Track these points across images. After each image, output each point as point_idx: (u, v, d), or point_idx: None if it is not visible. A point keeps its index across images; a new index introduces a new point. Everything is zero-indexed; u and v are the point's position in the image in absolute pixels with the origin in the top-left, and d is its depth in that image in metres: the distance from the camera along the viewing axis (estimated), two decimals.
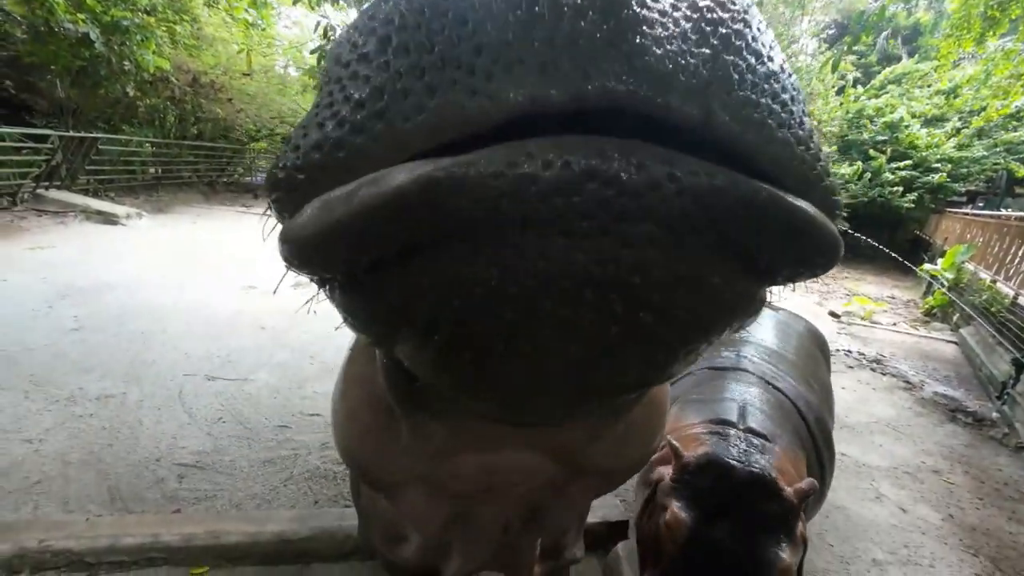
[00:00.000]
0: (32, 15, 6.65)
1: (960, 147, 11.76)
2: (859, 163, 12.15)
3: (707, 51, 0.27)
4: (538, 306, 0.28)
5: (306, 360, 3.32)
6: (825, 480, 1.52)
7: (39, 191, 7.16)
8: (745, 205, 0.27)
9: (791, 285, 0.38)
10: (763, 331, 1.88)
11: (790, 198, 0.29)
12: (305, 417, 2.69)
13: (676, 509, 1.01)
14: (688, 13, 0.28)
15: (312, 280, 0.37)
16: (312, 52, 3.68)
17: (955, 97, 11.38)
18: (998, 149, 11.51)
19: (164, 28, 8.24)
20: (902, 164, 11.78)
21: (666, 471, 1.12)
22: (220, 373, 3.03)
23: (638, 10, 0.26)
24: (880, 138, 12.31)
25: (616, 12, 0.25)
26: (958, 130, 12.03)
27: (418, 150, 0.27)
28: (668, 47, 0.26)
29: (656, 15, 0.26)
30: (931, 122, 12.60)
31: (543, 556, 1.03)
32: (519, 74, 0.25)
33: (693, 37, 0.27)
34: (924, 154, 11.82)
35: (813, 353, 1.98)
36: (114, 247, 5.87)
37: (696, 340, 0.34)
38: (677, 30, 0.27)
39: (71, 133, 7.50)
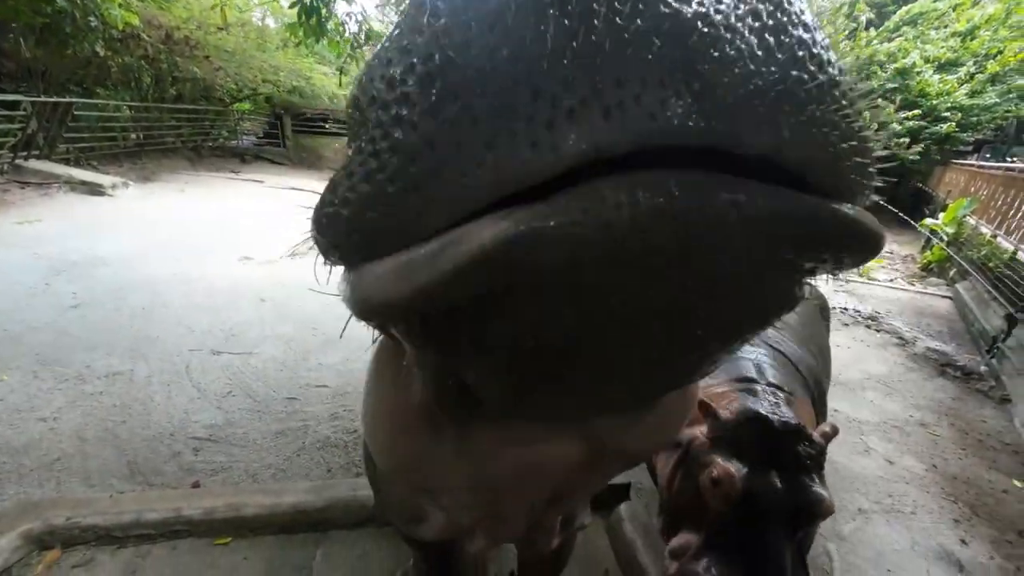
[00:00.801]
0: None
1: (972, 94, 11.32)
2: (866, 115, 11.74)
3: (775, 69, 0.25)
4: (610, 340, 0.31)
5: (309, 332, 3.34)
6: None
7: (18, 161, 6.90)
8: (808, 223, 0.27)
9: None
10: None
11: (847, 209, 0.29)
12: (312, 388, 2.74)
13: (723, 464, 1.05)
14: (752, 23, 0.25)
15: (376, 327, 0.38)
16: (291, 6, 3.42)
17: (972, 39, 10.81)
18: (1011, 95, 11.09)
19: None
20: (911, 114, 11.38)
21: (698, 431, 1.16)
22: (225, 347, 3.06)
23: (705, 31, 0.23)
24: (890, 86, 11.81)
25: (683, 38, 0.23)
26: (972, 75, 11.53)
27: (480, 203, 0.26)
28: (736, 71, 0.24)
29: (722, 31, 0.24)
30: (944, 67, 12.05)
31: (559, 528, 1.07)
32: (583, 120, 0.23)
33: (760, 54, 0.25)
34: (934, 102, 11.39)
35: (814, 316, 2.01)
36: (103, 219, 5.74)
37: (744, 339, 0.37)
38: (744, 47, 0.24)
39: (43, 98, 7.12)
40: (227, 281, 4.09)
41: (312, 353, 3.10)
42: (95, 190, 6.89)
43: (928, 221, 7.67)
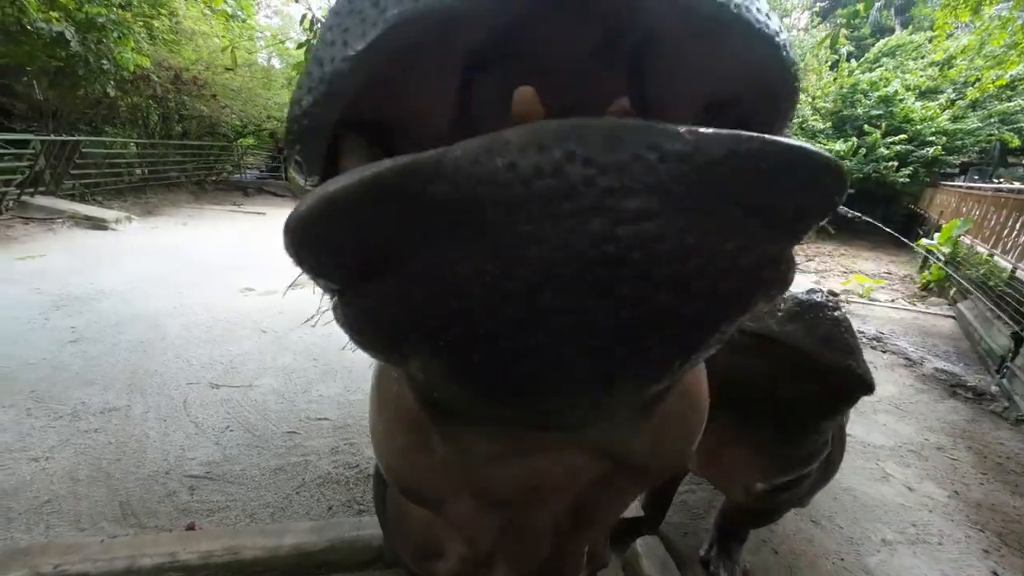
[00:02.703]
0: (2, 14, 6.40)
1: (954, 119, 11.71)
2: (854, 139, 12.10)
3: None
4: (540, 297, 0.27)
5: (309, 363, 3.30)
6: (831, 457, 1.51)
7: (24, 198, 7.01)
8: (734, 158, 0.25)
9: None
10: None
11: (782, 140, 0.27)
12: (313, 422, 2.68)
13: None
14: None
15: (322, 291, 0.36)
16: (299, 47, 3.57)
17: (949, 68, 11.28)
18: (992, 120, 11.48)
19: (141, 24, 7.97)
20: (897, 139, 11.73)
21: None
22: (224, 380, 3.01)
23: None
24: (875, 113, 12.22)
25: None
26: (952, 102, 11.97)
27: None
28: None
29: None
30: (925, 94, 12.52)
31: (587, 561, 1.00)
32: None
33: None
34: (919, 128, 11.77)
35: None
36: (105, 253, 5.77)
37: (722, 316, 0.32)
38: None
39: (52, 137, 7.30)
40: (228, 313, 4.06)
41: (313, 384, 3.05)
42: (99, 225, 6.96)
43: (924, 241, 7.76)
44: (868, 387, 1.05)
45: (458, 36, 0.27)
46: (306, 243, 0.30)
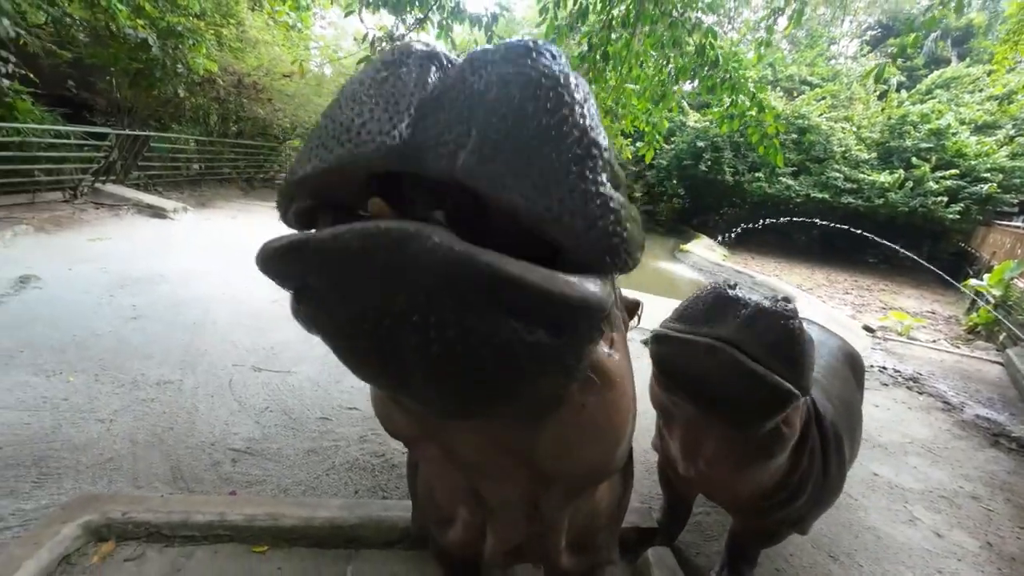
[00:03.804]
0: (95, 19, 7.11)
1: (1013, 156, 11.15)
2: (900, 171, 11.68)
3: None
4: (363, 331, 0.43)
5: None
6: (828, 484, 1.57)
7: (96, 185, 7.66)
8: (462, 267, 0.38)
9: (821, 297, 0.47)
10: None
11: (507, 265, 0.39)
12: (344, 410, 2.83)
13: None
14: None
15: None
16: (359, 62, 3.84)
17: (1009, 103, 10.79)
18: None
19: (212, 32, 8.66)
20: (948, 173, 11.25)
21: None
22: (265, 365, 3.22)
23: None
24: (924, 145, 11.78)
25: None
26: (1011, 138, 11.40)
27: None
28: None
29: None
30: (981, 129, 11.99)
31: (573, 551, 1.09)
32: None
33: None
34: (973, 163, 11.26)
35: (843, 374, 1.96)
36: (164, 239, 6.24)
37: (490, 380, 0.45)
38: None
39: (127, 131, 7.97)
40: (270, 302, 4.33)
41: (345, 376, 3.21)
42: (158, 213, 7.51)
43: (972, 282, 7.39)
44: (786, 397, 1.13)
45: (362, 168, 0.45)
46: (262, 268, 0.48)
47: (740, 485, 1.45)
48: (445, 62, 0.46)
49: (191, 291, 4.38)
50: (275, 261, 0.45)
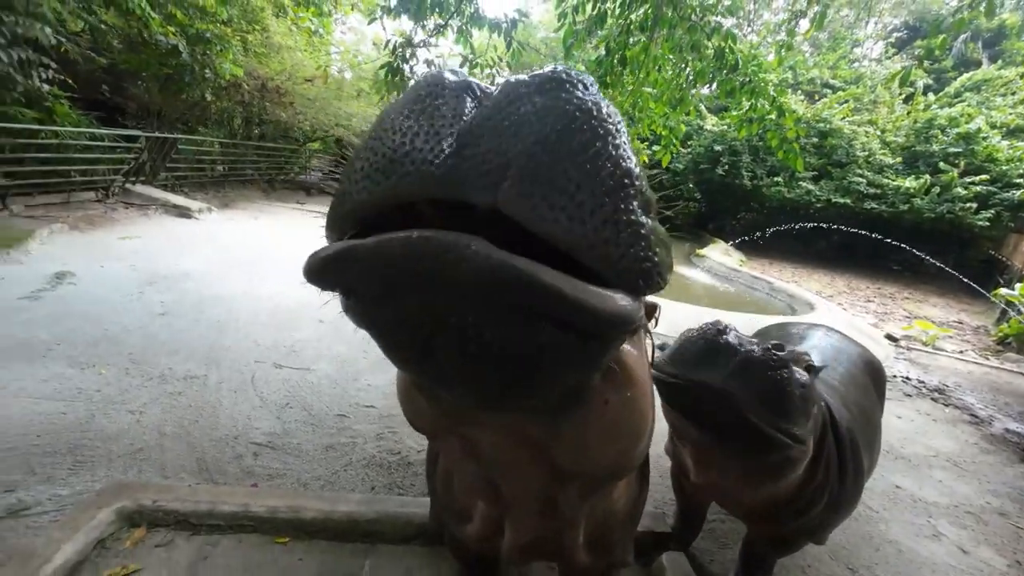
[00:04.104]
0: (128, 27, 7.41)
1: None
2: (926, 176, 11.35)
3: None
4: (406, 331, 0.48)
5: (360, 354, 3.55)
6: (845, 491, 1.55)
7: (127, 185, 7.95)
8: (498, 274, 0.41)
9: (842, 304, 0.50)
10: (809, 352, 1.84)
11: (541, 275, 0.42)
12: (361, 408, 2.89)
13: None
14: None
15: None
16: (380, 68, 3.93)
17: None
18: None
19: (238, 38, 8.93)
20: (977, 179, 10.89)
21: None
22: (286, 362, 3.30)
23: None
24: (953, 150, 11.44)
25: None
26: None
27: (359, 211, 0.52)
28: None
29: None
30: (1013, 133, 11.58)
31: (590, 549, 1.10)
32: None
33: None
34: (1004, 168, 10.88)
35: (862, 382, 1.92)
36: (189, 239, 6.44)
37: (522, 378, 0.49)
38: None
39: (156, 134, 8.26)
40: (290, 301, 4.44)
41: (362, 374, 3.28)
42: (184, 213, 7.76)
43: (1003, 291, 7.13)
44: (780, 446, 1.16)
45: (408, 197, 0.48)
46: (309, 279, 0.51)
47: (752, 496, 1.44)
48: (479, 92, 0.49)
49: (215, 289, 4.51)
50: (323, 271, 0.49)
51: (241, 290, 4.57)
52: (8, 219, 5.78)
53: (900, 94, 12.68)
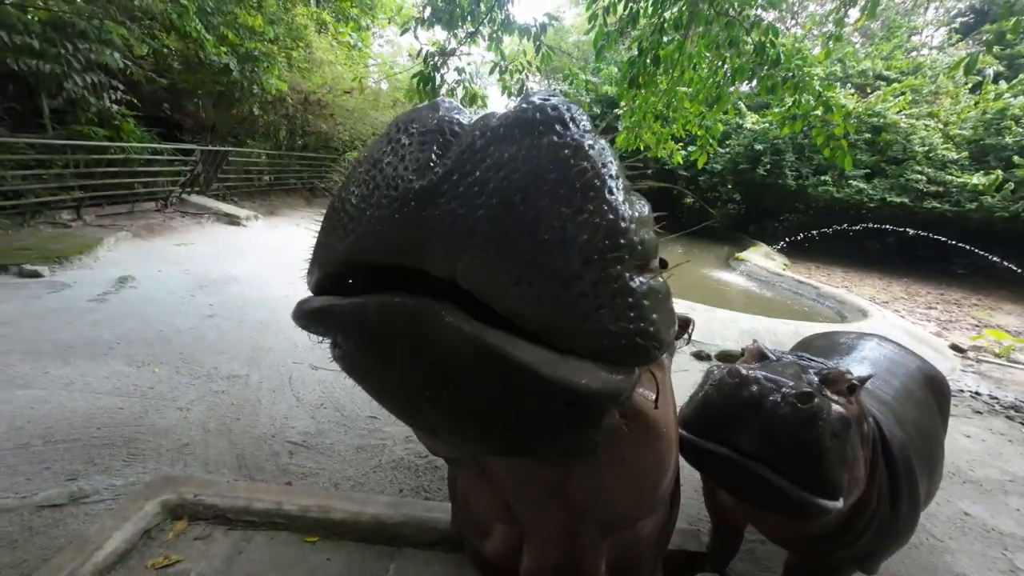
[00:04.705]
0: (186, 49, 7.99)
1: None
2: (998, 172, 10.37)
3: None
4: (388, 388, 0.49)
5: None
6: (899, 517, 1.41)
7: (183, 195, 8.55)
8: (471, 348, 0.39)
9: (899, 311, 0.44)
10: (859, 368, 1.70)
11: (516, 352, 0.38)
12: None
13: None
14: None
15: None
16: (413, 77, 4.03)
17: None
18: None
19: (283, 55, 9.44)
20: None
21: None
22: (322, 364, 3.42)
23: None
24: None
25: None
26: None
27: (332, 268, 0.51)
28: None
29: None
30: None
31: (613, 575, 1.05)
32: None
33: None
34: None
35: (921, 397, 1.74)
36: (237, 245, 6.83)
37: (510, 434, 0.47)
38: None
39: (209, 147, 8.85)
40: None
41: None
42: (234, 221, 8.24)
43: None
44: (814, 511, 1.06)
45: (367, 256, 0.48)
46: (297, 323, 0.53)
47: (793, 527, 1.34)
48: (448, 135, 0.44)
49: (259, 292, 4.75)
50: (307, 323, 0.50)
51: (282, 293, 4.79)
52: (82, 228, 6.34)
53: (966, 83, 11.67)
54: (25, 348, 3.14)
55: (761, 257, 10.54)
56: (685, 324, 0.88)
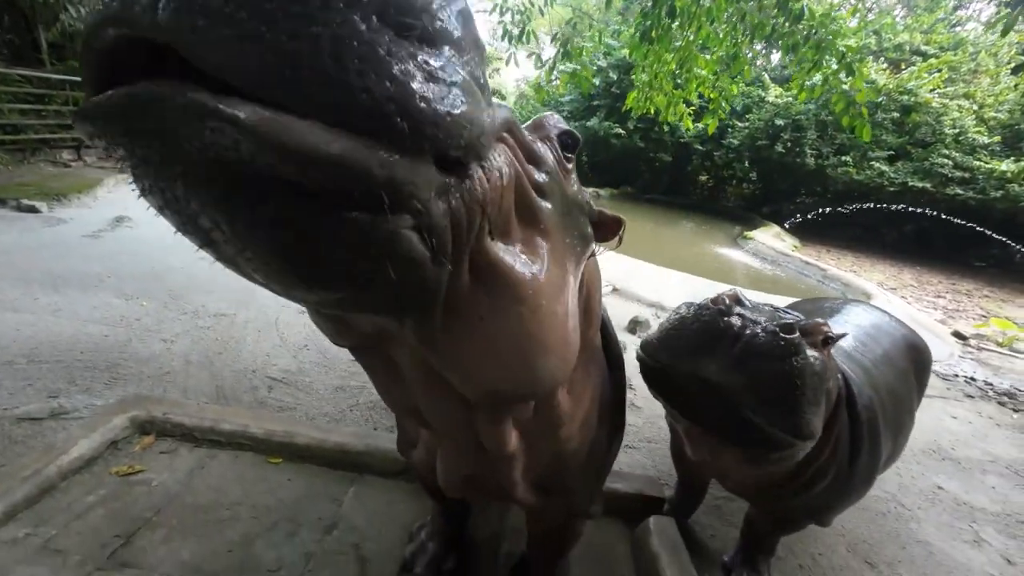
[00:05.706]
0: None
1: None
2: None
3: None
4: (165, 200, 0.39)
5: None
6: (855, 475, 1.40)
7: None
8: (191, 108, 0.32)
9: (906, 298, 0.36)
10: (839, 328, 1.64)
11: (214, 103, 0.32)
12: None
13: None
14: None
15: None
16: None
17: None
18: None
19: None
20: None
21: None
22: None
23: None
24: None
25: None
26: None
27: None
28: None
29: None
30: None
31: (537, 490, 1.04)
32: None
33: None
34: None
35: (900, 365, 1.70)
36: None
37: (301, 259, 0.40)
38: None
39: None
40: None
41: None
42: None
43: None
44: (782, 445, 1.04)
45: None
46: (84, 136, 0.41)
47: (749, 475, 1.33)
48: None
49: None
50: (78, 124, 0.41)
51: None
52: (82, 168, 6.32)
53: (1009, 62, 10.95)
54: (16, 276, 3.17)
55: (770, 237, 10.30)
56: (616, 225, 0.80)
